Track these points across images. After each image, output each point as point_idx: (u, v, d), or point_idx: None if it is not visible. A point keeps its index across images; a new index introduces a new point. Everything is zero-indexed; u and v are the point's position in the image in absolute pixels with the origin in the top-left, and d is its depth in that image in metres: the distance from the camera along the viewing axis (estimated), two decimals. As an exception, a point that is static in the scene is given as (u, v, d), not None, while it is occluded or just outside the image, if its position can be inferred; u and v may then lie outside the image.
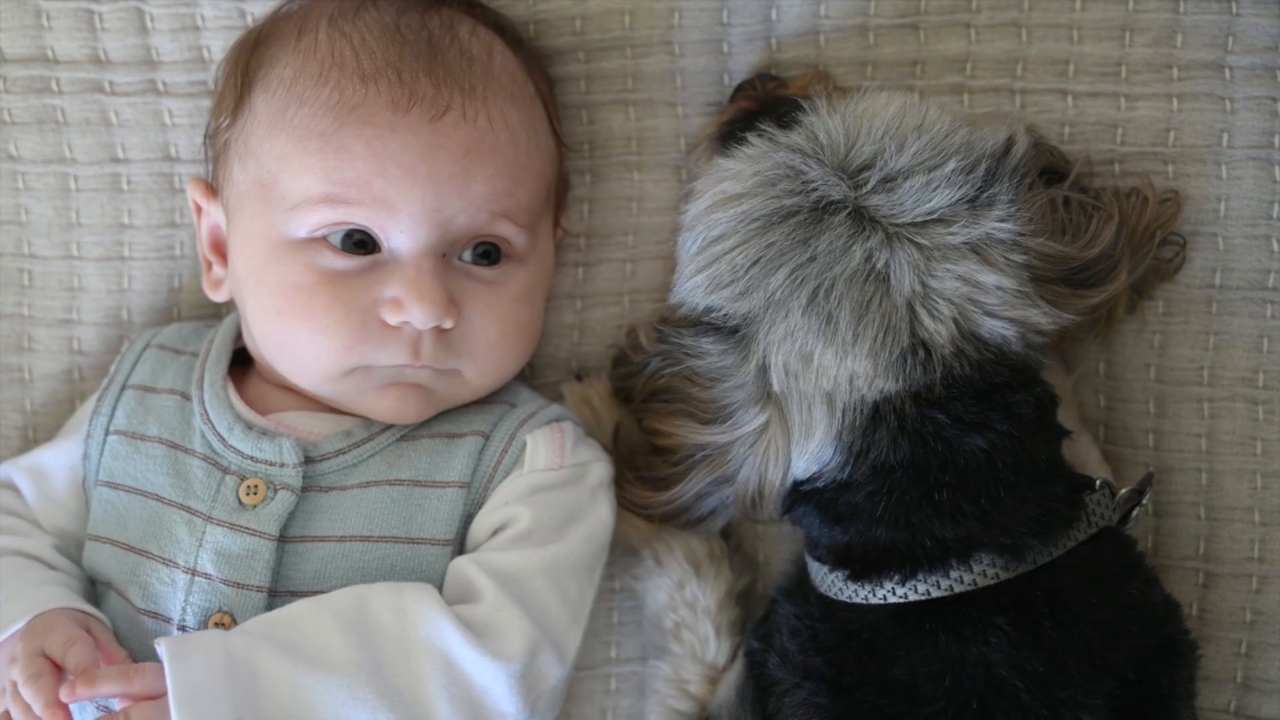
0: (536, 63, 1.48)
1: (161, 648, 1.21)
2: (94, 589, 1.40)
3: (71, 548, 1.42)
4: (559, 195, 1.50)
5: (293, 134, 1.35)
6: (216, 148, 1.44)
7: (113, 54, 1.52)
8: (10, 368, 1.56)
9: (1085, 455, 1.45)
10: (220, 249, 1.46)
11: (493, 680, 1.27)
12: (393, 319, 1.34)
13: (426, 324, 1.33)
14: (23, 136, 1.53)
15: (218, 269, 1.46)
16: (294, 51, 1.38)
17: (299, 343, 1.36)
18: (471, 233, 1.37)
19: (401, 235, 1.34)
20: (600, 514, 1.40)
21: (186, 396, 1.42)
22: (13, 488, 1.45)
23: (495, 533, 1.36)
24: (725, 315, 1.32)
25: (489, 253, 1.38)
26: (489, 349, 1.39)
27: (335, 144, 1.33)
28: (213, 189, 1.46)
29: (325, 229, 1.34)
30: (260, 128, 1.38)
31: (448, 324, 1.34)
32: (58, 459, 1.44)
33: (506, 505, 1.36)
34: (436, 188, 1.33)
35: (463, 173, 1.34)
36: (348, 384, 1.37)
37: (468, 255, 1.38)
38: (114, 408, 1.43)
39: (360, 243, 1.34)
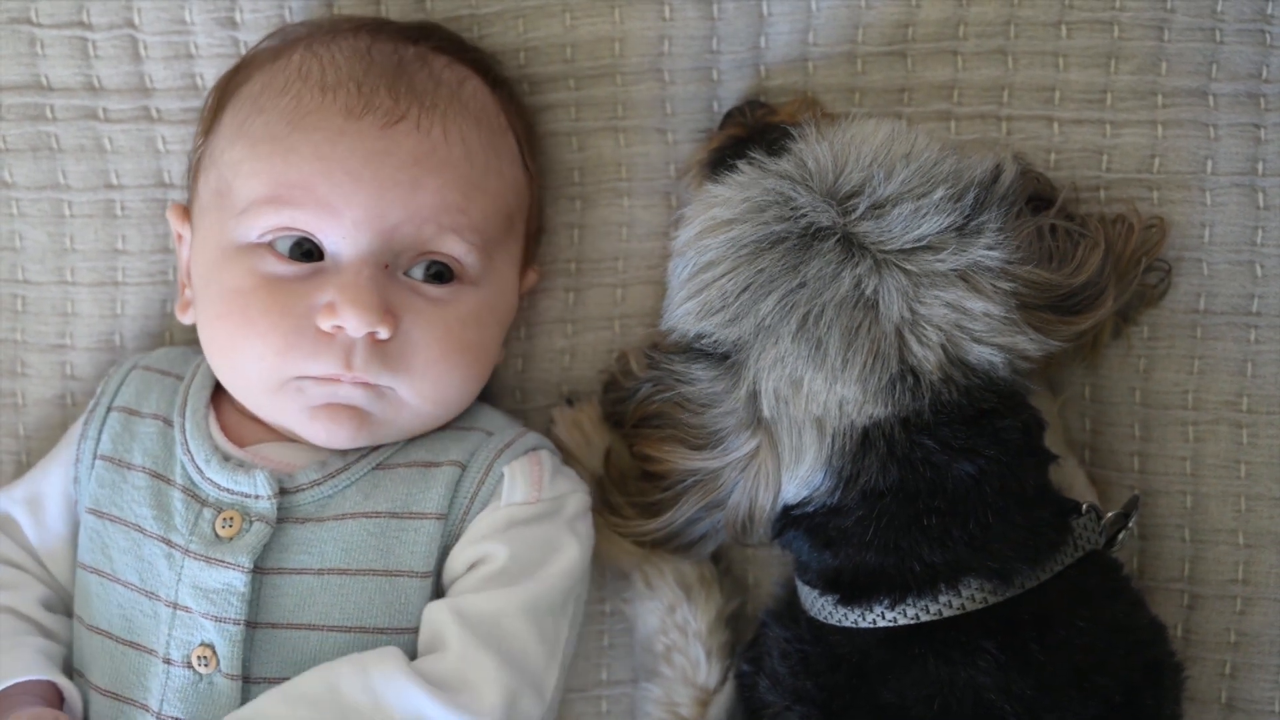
0: (516, 104, 1.48)
1: None
2: (76, 645, 1.38)
3: (66, 589, 1.42)
4: (530, 234, 1.48)
5: (248, 140, 1.35)
6: (193, 167, 1.45)
7: (106, 81, 1.53)
8: (3, 393, 1.55)
9: (1072, 479, 1.46)
10: None
11: None
12: (325, 324, 1.31)
13: (359, 330, 1.30)
14: (17, 163, 1.54)
15: (189, 290, 1.45)
16: (266, 71, 1.40)
17: (236, 348, 1.34)
18: (418, 245, 1.35)
19: (343, 240, 1.32)
20: (575, 548, 1.37)
21: (169, 422, 1.41)
22: (12, 522, 1.44)
23: (471, 567, 1.34)
24: (716, 341, 1.32)
25: (441, 274, 1.36)
26: (427, 367, 1.34)
27: (285, 147, 1.33)
28: (189, 213, 1.45)
29: (272, 234, 1.33)
30: (222, 140, 1.38)
31: (383, 333, 1.31)
32: (52, 486, 1.43)
33: (483, 541, 1.34)
34: (380, 193, 1.32)
35: (410, 180, 1.33)
36: (283, 400, 1.34)
37: (418, 273, 1.35)
38: (100, 431, 1.42)
39: (308, 252, 1.33)
